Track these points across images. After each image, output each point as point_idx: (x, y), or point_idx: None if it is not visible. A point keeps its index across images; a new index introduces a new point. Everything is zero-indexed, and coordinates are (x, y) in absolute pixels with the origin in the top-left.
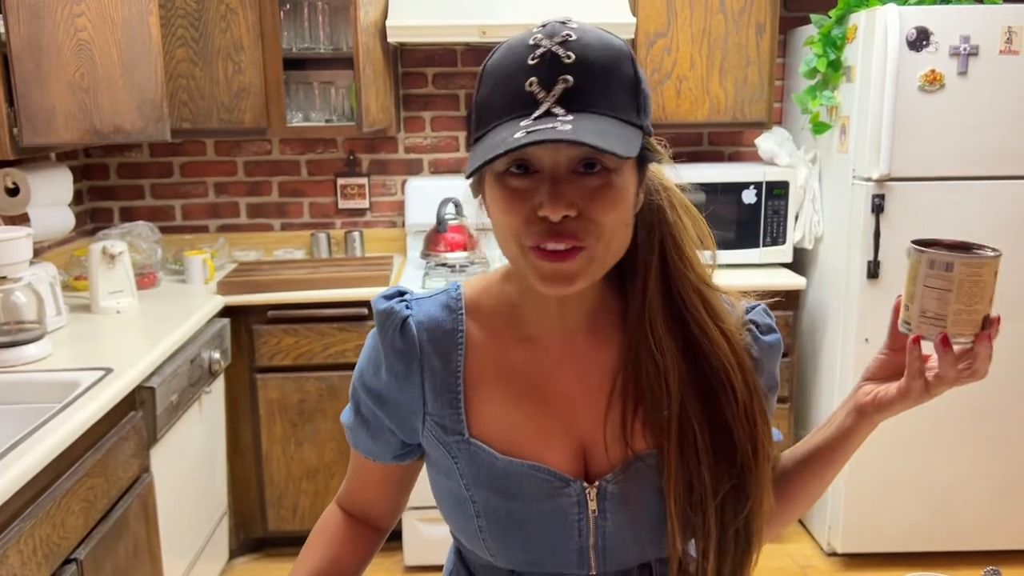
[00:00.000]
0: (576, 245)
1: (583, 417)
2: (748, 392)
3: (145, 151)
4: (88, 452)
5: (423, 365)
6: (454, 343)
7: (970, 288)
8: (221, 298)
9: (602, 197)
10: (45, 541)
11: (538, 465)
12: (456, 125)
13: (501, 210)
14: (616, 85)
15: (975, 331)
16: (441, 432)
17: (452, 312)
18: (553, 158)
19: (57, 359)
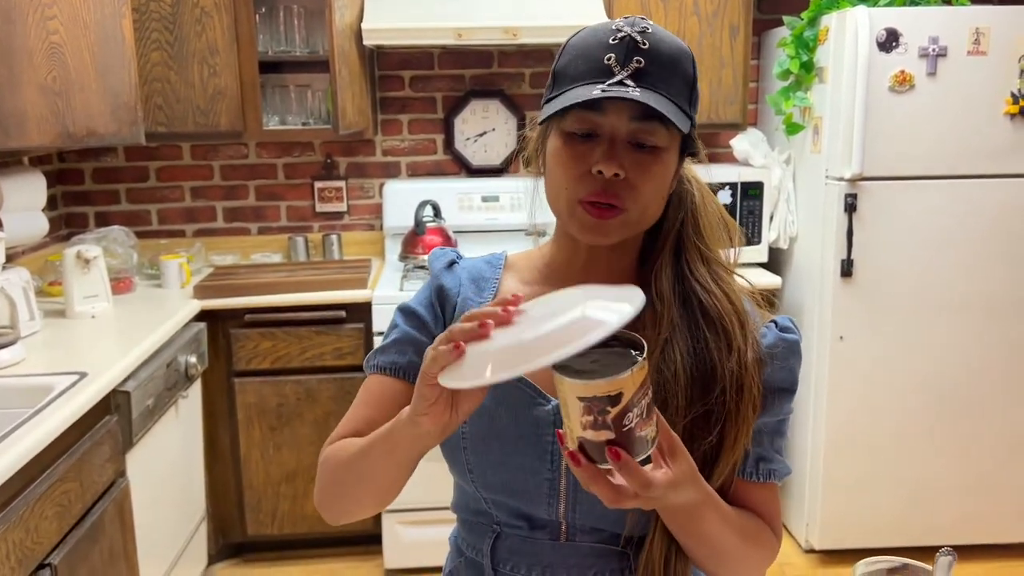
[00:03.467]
0: (618, 205)
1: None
2: (745, 342)
3: (120, 155)
4: (62, 456)
5: (459, 293)
6: (488, 283)
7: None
8: (197, 302)
9: (647, 168)
10: (18, 546)
11: (524, 378)
12: (433, 128)
13: (561, 163)
14: (678, 77)
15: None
16: None
17: (493, 267)
18: (615, 125)
19: (31, 364)
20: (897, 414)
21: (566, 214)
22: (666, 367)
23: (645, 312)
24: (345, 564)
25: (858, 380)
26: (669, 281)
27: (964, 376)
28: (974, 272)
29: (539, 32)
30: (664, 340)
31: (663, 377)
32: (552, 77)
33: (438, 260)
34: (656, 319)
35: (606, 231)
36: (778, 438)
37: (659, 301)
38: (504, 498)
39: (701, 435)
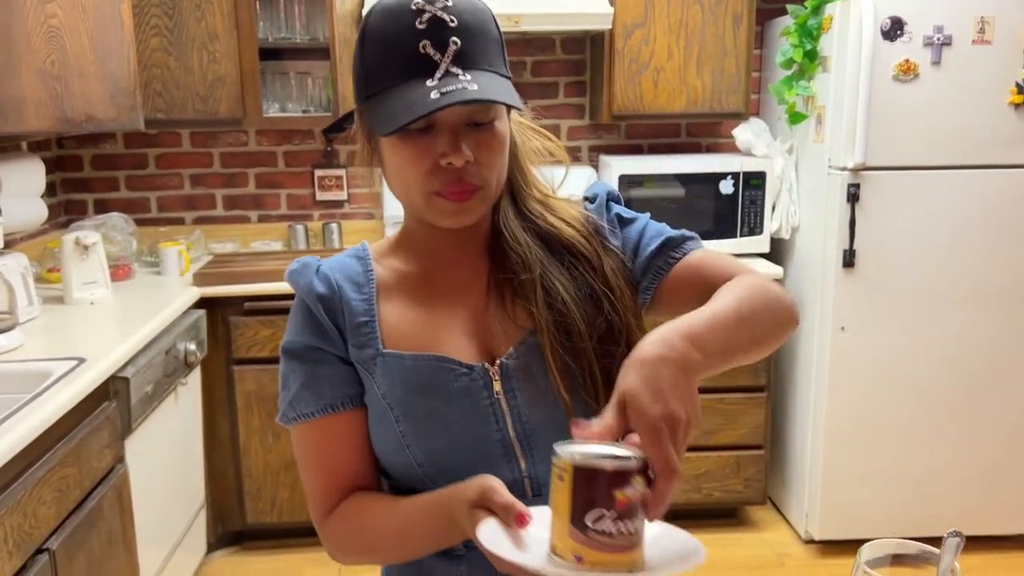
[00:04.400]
0: (474, 186)
1: (475, 312)
2: (598, 255)
3: (119, 142)
4: (60, 442)
5: (341, 299)
6: (366, 279)
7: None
8: (197, 289)
9: (490, 145)
10: (16, 530)
11: (442, 356)
12: None
13: (407, 163)
14: (490, 44)
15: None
16: (358, 352)
17: (360, 259)
18: (451, 116)
19: (29, 349)
20: (898, 405)
21: (423, 206)
22: (553, 299)
23: (510, 257)
24: None
25: (859, 371)
26: (518, 225)
27: (966, 367)
28: (977, 263)
29: (541, 20)
30: (540, 276)
31: (555, 308)
32: (361, 71)
33: (302, 274)
34: (525, 261)
35: (469, 212)
36: (659, 227)
37: (518, 244)
38: (465, 475)
39: (613, 350)
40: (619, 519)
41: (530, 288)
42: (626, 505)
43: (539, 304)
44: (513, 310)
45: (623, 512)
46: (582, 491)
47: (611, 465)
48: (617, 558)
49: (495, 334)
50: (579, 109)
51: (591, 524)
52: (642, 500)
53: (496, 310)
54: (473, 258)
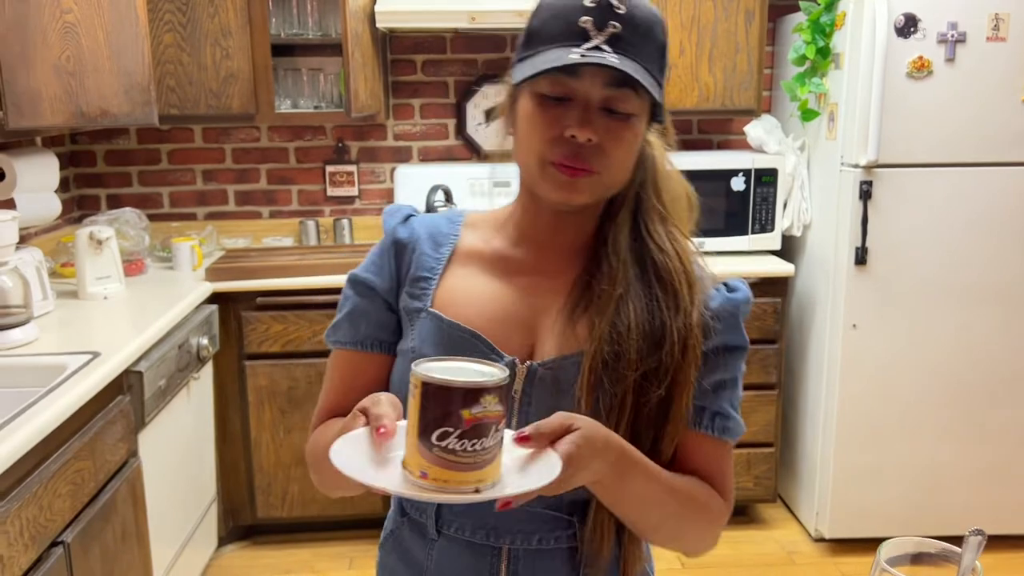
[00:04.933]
0: (590, 169)
1: (539, 309)
2: (691, 303)
3: (132, 138)
4: (75, 435)
5: (414, 250)
6: (447, 239)
7: None
8: (209, 284)
9: (619, 135)
10: (32, 523)
11: (478, 334)
12: (445, 112)
13: (534, 125)
14: (652, 44)
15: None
16: (408, 302)
17: (451, 222)
18: (589, 91)
19: (43, 343)
20: (910, 403)
21: (537, 174)
22: (620, 321)
23: (602, 268)
24: (353, 547)
25: (871, 369)
26: (626, 239)
27: (978, 365)
28: (989, 261)
29: None
30: (619, 295)
31: (617, 331)
32: (525, 36)
33: (392, 216)
34: (612, 275)
35: (577, 189)
36: (733, 396)
37: (615, 257)
38: None
39: (650, 388)
40: (464, 437)
41: (605, 302)
42: (473, 424)
43: (604, 320)
44: (577, 322)
45: (469, 431)
46: (428, 408)
47: (457, 383)
48: (461, 476)
49: (545, 337)
50: None
51: (435, 441)
52: (498, 420)
53: (560, 316)
54: (565, 254)
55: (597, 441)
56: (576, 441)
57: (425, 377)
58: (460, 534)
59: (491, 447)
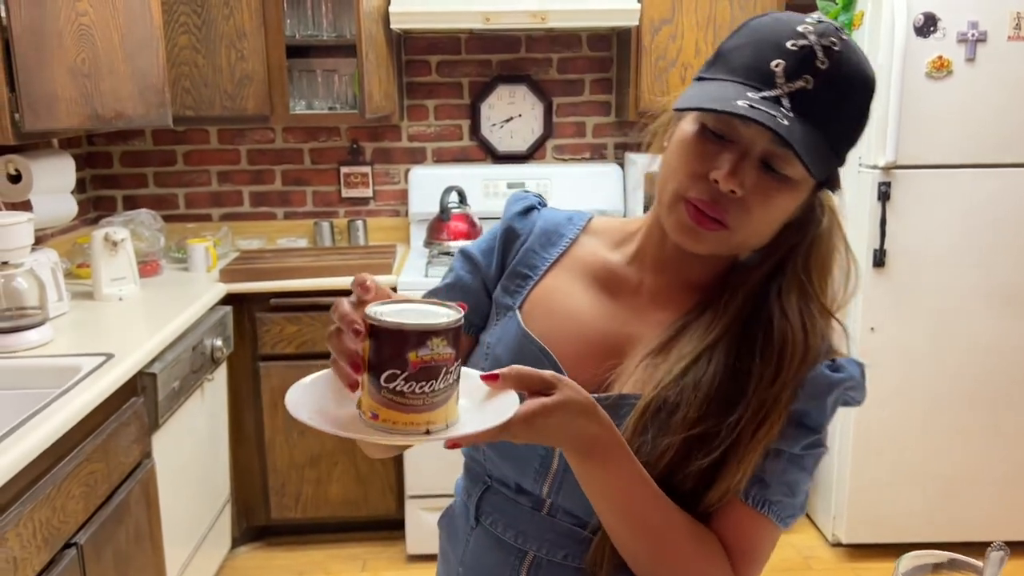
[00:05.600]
0: (722, 221)
1: (632, 342)
2: (792, 378)
3: (148, 139)
4: (89, 437)
5: (523, 244)
6: (560, 240)
7: None
8: (224, 286)
9: (769, 196)
10: (45, 525)
11: (548, 352)
12: (459, 113)
13: (683, 154)
14: (845, 112)
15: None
16: (501, 295)
17: (572, 223)
18: (752, 139)
19: (58, 345)
20: (928, 407)
21: (667, 206)
22: (692, 374)
23: (703, 316)
24: (367, 549)
25: (888, 372)
26: (746, 297)
27: (997, 369)
28: (1009, 263)
29: (568, 16)
30: (705, 348)
31: (684, 382)
32: (715, 54)
33: (515, 203)
34: (710, 325)
35: (699, 240)
36: (788, 473)
37: (724, 309)
38: (497, 459)
39: (697, 452)
40: (413, 380)
41: (688, 351)
42: (420, 367)
43: (676, 368)
44: (659, 364)
45: (417, 373)
46: (377, 350)
47: (403, 326)
48: (410, 417)
49: (624, 370)
50: (605, 106)
51: (384, 383)
52: (448, 362)
53: (648, 354)
54: (681, 289)
55: (573, 407)
56: (547, 403)
57: (373, 319)
58: (494, 528)
59: (442, 389)
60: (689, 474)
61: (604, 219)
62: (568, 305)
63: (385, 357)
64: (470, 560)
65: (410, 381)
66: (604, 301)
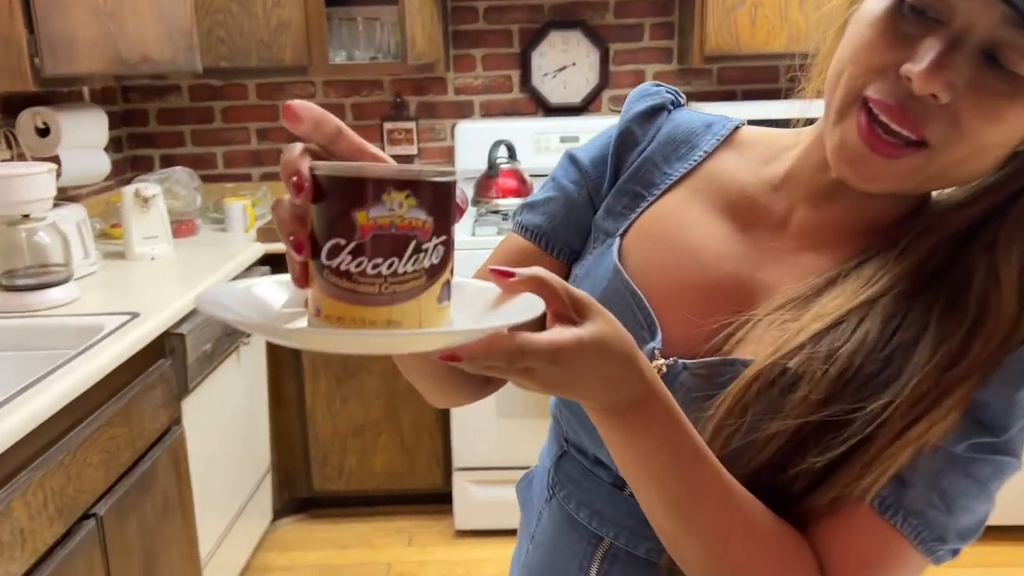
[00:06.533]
0: (919, 140)
1: (761, 291)
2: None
3: (185, 95)
4: (110, 400)
5: (644, 151)
6: (690, 151)
7: None
8: (261, 245)
9: (991, 108)
10: (58, 494)
11: (639, 295)
12: (509, 63)
13: (865, 39)
14: None
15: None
16: (603, 216)
17: (710, 130)
18: (971, 19)
19: (84, 304)
20: None
21: (835, 114)
22: (829, 340)
23: (865, 267)
24: (414, 523)
25: None
26: (936, 246)
27: None
28: None
29: None
30: (857, 307)
31: (815, 351)
32: None
33: (639, 100)
34: (870, 278)
35: (869, 173)
36: (949, 476)
37: (896, 258)
38: (572, 417)
39: (813, 449)
40: (362, 254)
41: (831, 308)
42: (373, 232)
43: (808, 329)
44: (789, 321)
45: (368, 244)
46: (320, 214)
47: (349, 172)
48: (360, 311)
49: (739, 329)
50: (666, 53)
51: (325, 260)
52: (420, 232)
53: (779, 308)
54: (845, 230)
55: (611, 345)
56: (582, 335)
57: (317, 167)
58: (567, 504)
59: (410, 275)
60: (796, 475)
61: (755, 129)
62: (685, 238)
63: (328, 221)
64: (540, 537)
65: (359, 256)
66: (736, 236)
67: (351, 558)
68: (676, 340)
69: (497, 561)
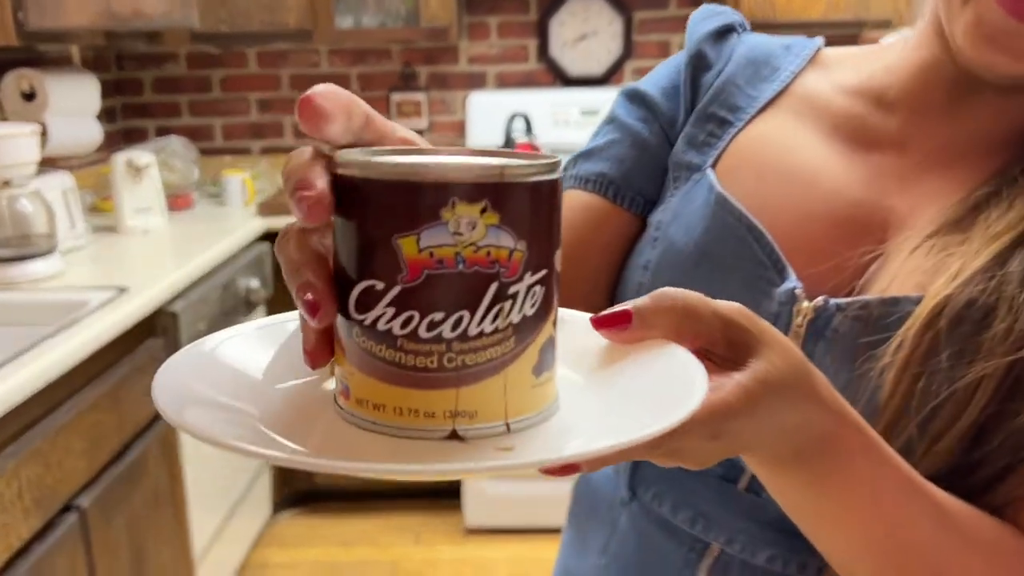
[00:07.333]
0: None
1: (891, 219)
2: None
3: (182, 63)
4: (92, 382)
5: (721, 73)
6: (773, 73)
7: None
8: (262, 220)
9: None
10: (35, 483)
11: (757, 227)
12: (526, 31)
13: None
14: None
15: None
16: (682, 150)
17: (790, 51)
18: None
19: (69, 278)
20: None
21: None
22: (1021, 259)
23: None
24: (420, 520)
25: None
26: None
27: None
28: None
29: None
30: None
31: (1005, 272)
32: None
33: (704, 20)
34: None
35: (1021, 48)
36: None
37: None
38: None
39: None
40: (410, 306)
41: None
42: (425, 272)
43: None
44: (943, 250)
45: (420, 293)
46: (342, 238)
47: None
48: (406, 397)
49: (882, 262)
50: None
51: (354, 311)
52: (514, 269)
53: (931, 235)
54: (975, 145)
55: (788, 384)
56: (750, 385)
57: (343, 164)
58: (658, 505)
59: (489, 335)
60: (1012, 431)
61: (837, 48)
62: (797, 163)
63: (357, 251)
64: (618, 548)
65: (406, 310)
66: (851, 161)
67: (354, 556)
68: (807, 281)
69: (511, 561)
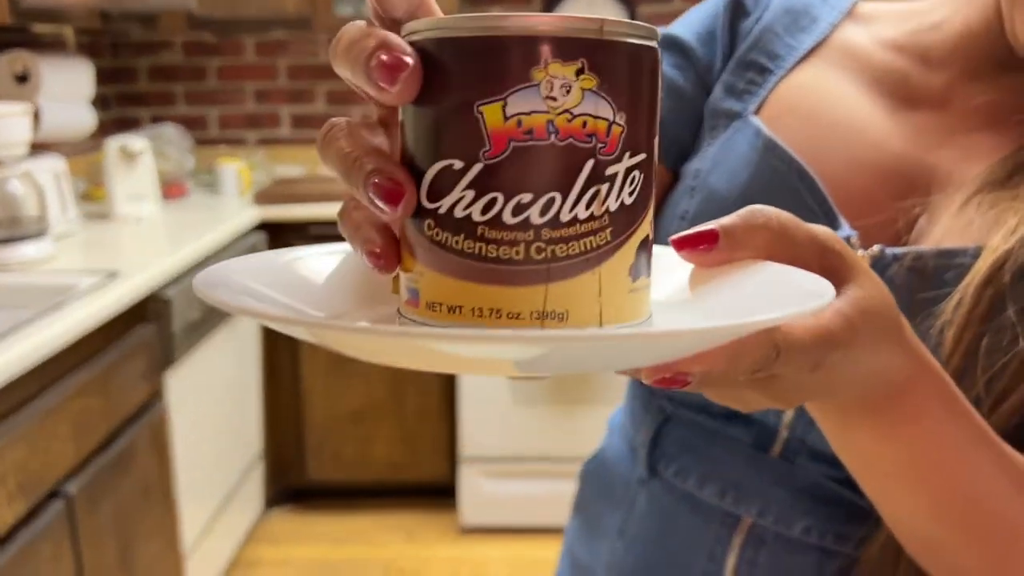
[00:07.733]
0: None
1: (938, 174)
2: None
3: (177, 51)
4: (80, 366)
5: (760, 19)
6: (811, 23)
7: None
8: (258, 210)
9: None
10: (20, 468)
11: (810, 176)
12: None
13: None
14: None
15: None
16: (720, 98)
17: (827, 3)
18: None
19: (59, 262)
20: None
21: None
22: None
23: None
24: (415, 517)
25: None
26: None
27: None
28: None
29: None
30: None
31: None
32: None
33: None
34: None
35: None
36: None
37: None
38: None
39: None
40: (493, 187)
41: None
42: (511, 145)
43: None
44: (996, 205)
45: (505, 170)
46: (411, 121)
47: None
48: (487, 295)
49: (932, 215)
50: None
51: (426, 202)
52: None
53: (981, 189)
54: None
55: (883, 316)
56: (849, 311)
57: (416, 32)
58: (681, 480)
59: (584, 221)
60: None
61: (876, 3)
62: (839, 111)
63: (430, 129)
64: (638, 530)
65: (488, 192)
66: (895, 113)
67: (347, 554)
68: (857, 231)
69: (506, 561)
